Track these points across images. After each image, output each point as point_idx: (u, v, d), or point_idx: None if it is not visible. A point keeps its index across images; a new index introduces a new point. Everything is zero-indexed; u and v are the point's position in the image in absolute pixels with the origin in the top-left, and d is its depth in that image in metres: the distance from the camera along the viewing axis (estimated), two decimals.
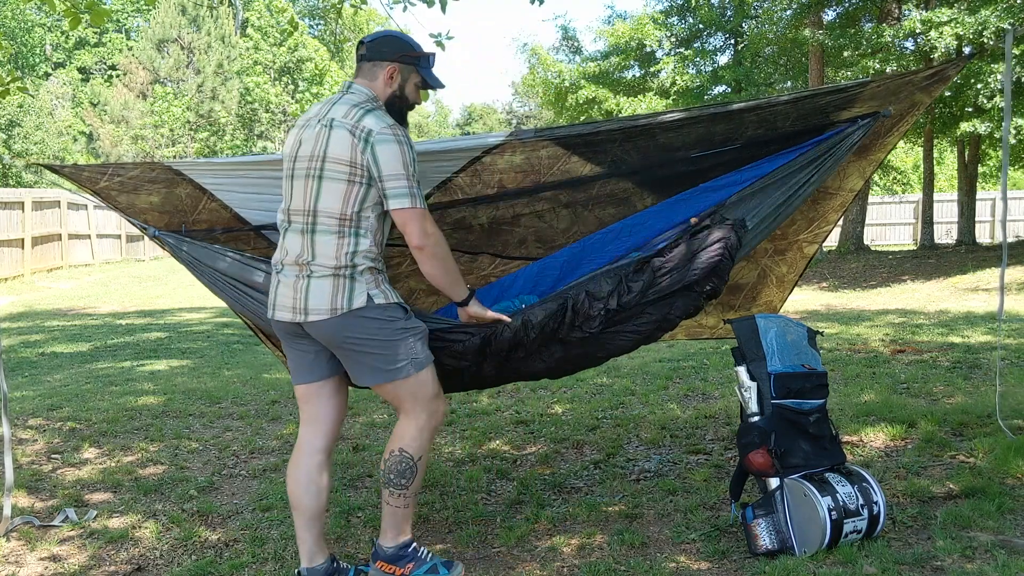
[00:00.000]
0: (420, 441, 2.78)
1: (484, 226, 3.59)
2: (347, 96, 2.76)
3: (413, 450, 2.77)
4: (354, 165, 2.64)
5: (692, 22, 21.43)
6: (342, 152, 2.64)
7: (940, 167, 28.25)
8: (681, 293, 3.07)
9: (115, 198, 3.22)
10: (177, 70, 32.88)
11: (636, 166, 3.43)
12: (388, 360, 2.72)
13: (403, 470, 2.76)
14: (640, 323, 3.08)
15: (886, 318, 9.36)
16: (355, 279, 2.68)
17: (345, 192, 2.65)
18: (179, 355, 8.08)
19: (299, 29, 30.42)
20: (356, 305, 2.67)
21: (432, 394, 2.80)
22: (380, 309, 2.69)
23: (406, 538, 2.83)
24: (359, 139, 2.63)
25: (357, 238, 2.68)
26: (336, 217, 2.67)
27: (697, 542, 3.11)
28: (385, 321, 2.70)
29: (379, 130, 2.63)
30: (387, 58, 2.80)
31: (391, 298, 2.74)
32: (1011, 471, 3.61)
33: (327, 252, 2.67)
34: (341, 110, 2.70)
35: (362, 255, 2.69)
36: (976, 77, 13.01)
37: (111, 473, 4.16)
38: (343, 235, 2.67)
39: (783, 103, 3.14)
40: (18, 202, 16.54)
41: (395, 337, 2.71)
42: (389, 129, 2.65)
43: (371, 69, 2.80)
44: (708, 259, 3.05)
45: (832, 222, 3.99)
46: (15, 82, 5.05)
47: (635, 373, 6.21)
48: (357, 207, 2.67)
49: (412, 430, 2.77)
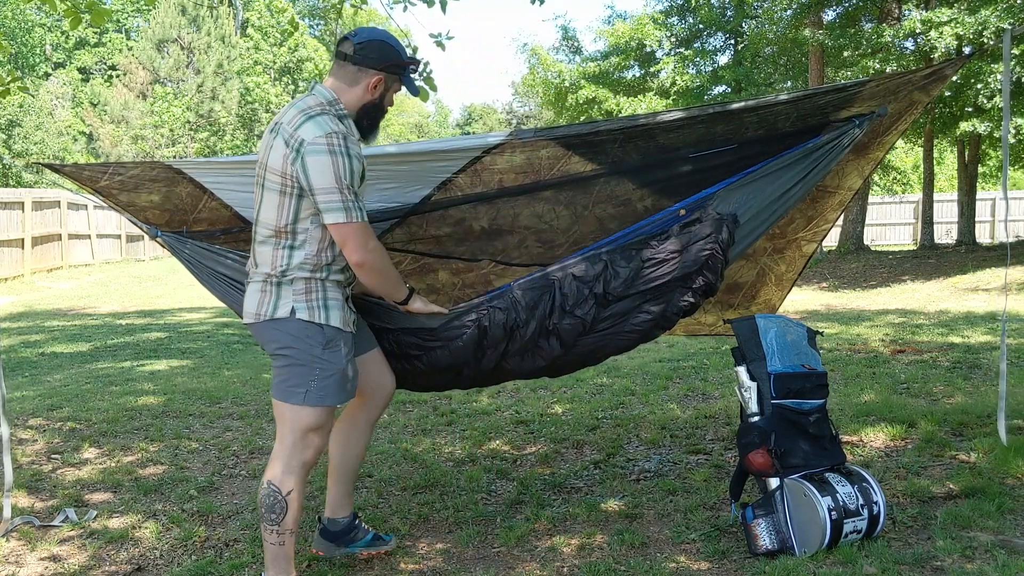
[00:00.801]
0: (290, 476, 2.64)
1: (484, 228, 3.59)
2: (305, 99, 2.64)
3: (281, 484, 2.64)
4: (285, 176, 2.54)
5: (692, 22, 21.45)
6: (276, 162, 2.56)
7: (940, 167, 28.25)
8: (674, 287, 3.05)
9: (116, 197, 3.22)
10: (177, 70, 32.89)
11: (636, 167, 3.43)
12: (286, 379, 2.65)
13: (271, 504, 2.63)
14: (638, 322, 3.07)
15: (886, 318, 9.36)
16: (282, 287, 2.63)
17: (279, 203, 2.58)
18: (179, 355, 8.08)
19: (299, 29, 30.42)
20: (279, 315, 2.62)
21: (310, 429, 2.66)
22: (301, 325, 2.62)
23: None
24: (291, 149, 2.52)
25: (291, 251, 2.61)
26: (272, 228, 2.61)
27: (697, 542, 3.11)
28: (301, 339, 2.62)
29: (311, 140, 2.50)
30: (374, 66, 2.66)
31: (317, 317, 2.62)
32: (1011, 471, 3.62)
33: (264, 260, 2.65)
34: (290, 115, 2.59)
35: (296, 267, 2.61)
36: (976, 77, 13.02)
37: (111, 473, 4.16)
38: (277, 247, 2.62)
39: (782, 103, 3.14)
40: (18, 202, 16.54)
41: (303, 360, 2.63)
42: (324, 138, 2.51)
43: (354, 74, 2.66)
44: (698, 252, 3.04)
45: (831, 221, 3.98)
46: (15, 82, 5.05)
47: (635, 373, 6.21)
48: (291, 218, 2.58)
49: (281, 462, 2.66)
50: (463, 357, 3.01)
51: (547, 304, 2.97)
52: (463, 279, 3.77)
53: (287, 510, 2.64)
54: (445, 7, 6.06)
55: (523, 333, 2.98)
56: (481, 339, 2.97)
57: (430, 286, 3.74)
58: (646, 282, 3.02)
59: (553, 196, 3.52)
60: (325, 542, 3.04)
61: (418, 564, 3.05)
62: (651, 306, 3.05)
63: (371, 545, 3.07)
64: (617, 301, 3.01)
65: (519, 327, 2.98)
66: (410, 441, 4.65)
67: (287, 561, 2.70)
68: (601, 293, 2.99)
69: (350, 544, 3.04)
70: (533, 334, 2.99)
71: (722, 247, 3.08)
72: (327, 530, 3.04)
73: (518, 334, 2.99)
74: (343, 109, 2.66)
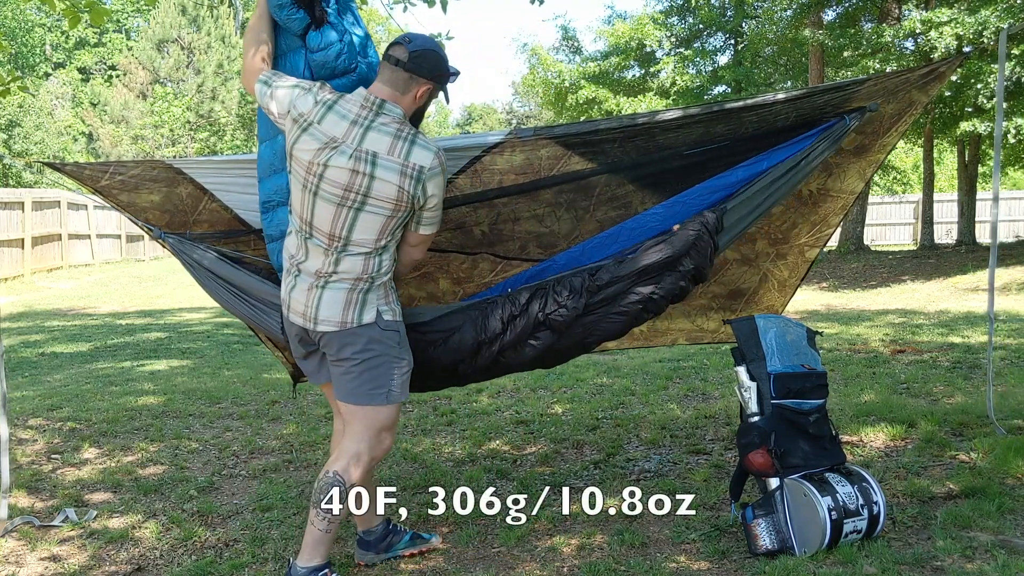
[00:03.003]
0: (357, 470, 2.73)
1: (485, 231, 3.59)
2: (382, 121, 2.63)
3: (347, 476, 2.72)
4: (399, 202, 2.65)
5: (692, 22, 21.44)
6: (389, 192, 2.62)
7: (940, 167, 28.24)
8: (662, 269, 3.04)
9: (116, 196, 3.22)
10: (177, 70, 32.87)
11: (636, 167, 3.43)
12: (366, 382, 2.72)
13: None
14: (626, 303, 3.04)
15: (886, 318, 9.36)
16: (369, 292, 2.71)
17: (383, 225, 2.67)
18: (179, 355, 8.08)
19: None
20: (366, 320, 2.71)
21: (384, 427, 2.79)
22: (385, 326, 2.73)
23: (319, 562, 2.76)
24: (411, 177, 2.62)
25: (381, 259, 2.73)
26: (371, 245, 2.69)
27: (697, 542, 3.11)
28: (383, 341, 2.72)
29: (430, 166, 2.64)
30: (425, 75, 2.66)
31: (397, 315, 2.78)
32: (1011, 471, 3.62)
33: (352, 269, 2.70)
34: (383, 143, 2.60)
35: (382, 273, 2.74)
36: (976, 77, 13.02)
37: (111, 473, 4.16)
38: (371, 256, 2.71)
39: (781, 102, 3.14)
40: (18, 202, 16.54)
41: (384, 362, 2.73)
42: (437, 160, 2.66)
43: (406, 81, 2.65)
44: (685, 235, 3.05)
45: (833, 225, 3.98)
46: (15, 82, 5.05)
47: (635, 373, 6.21)
48: (390, 236, 2.72)
49: (351, 456, 2.74)
50: (460, 353, 3.02)
51: (541, 299, 3.00)
52: (463, 288, 3.77)
53: (344, 501, 2.72)
54: (445, 7, 6.05)
55: (516, 325, 2.99)
56: (479, 333, 2.98)
57: (430, 294, 3.74)
58: (633, 263, 3.02)
59: (554, 198, 3.52)
60: (366, 552, 3.08)
61: (418, 564, 3.05)
62: (640, 287, 3.04)
63: (412, 544, 3.13)
64: (607, 287, 3.03)
65: (514, 318, 2.99)
66: (410, 441, 4.65)
67: (326, 547, 2.78)
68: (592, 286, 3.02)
69: (390, 549, 3.09)
70: (527, 326, 3.00)
71: (708, 229, 3.06)
72: (364, 540, 3.09)
73: (512, 327, 3.00)
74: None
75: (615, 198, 3.58)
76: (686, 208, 3.38)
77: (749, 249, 4.00)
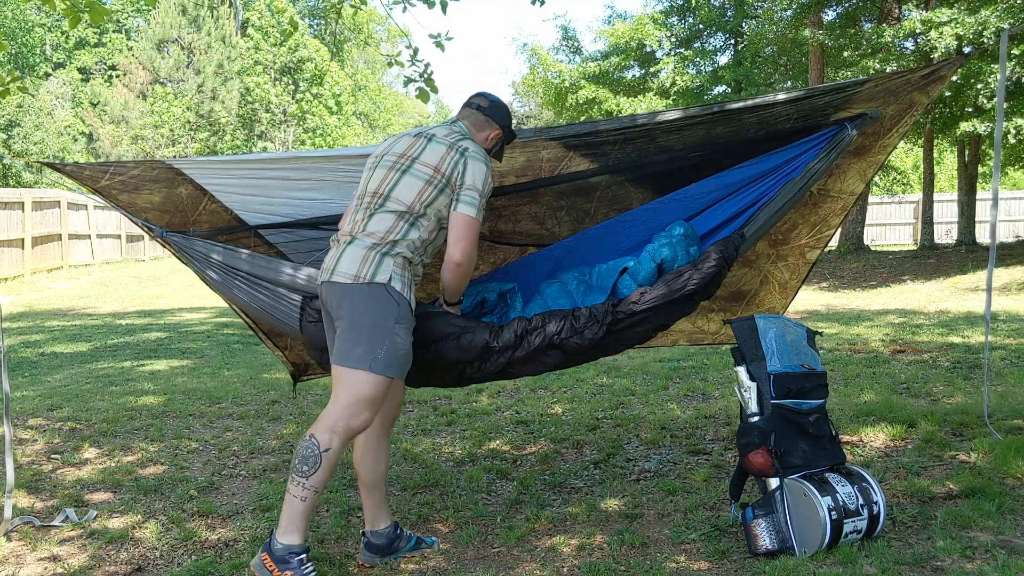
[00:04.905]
0: (333, 436, 2.73)
1: (485, 235, 3.60)
2: (453, 126, 3.03)
3: (321, 439, 2.73)
4: (439, 171, 2.88)
5: (692, 22, 21.45)
6: (432, 159, 2.89)
7: (940, 167, 28.23)
8: (680, 302, 3.10)
9: (116, 197, 3.22)
10: (177, 70, 32.88)
11: (637, 168, 3.44)
12: (357, 343, 2.75)
13: (306, 456, 2.72)
14: (639, 330, 3.14)
15: (886, 318, 9.36)
16: (387, 256, 2.82)
17: (420, 189, 2.87)
18: (179, 355, 8.08)
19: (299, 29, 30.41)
20: (379, 279, 2.78)
21: (366, 398, 2.76)
22: (386, 296, 2.78)
23: (296, 543, 2.74)
24: (455, 151, 2.90)
25: (410, 227, 2.86)
26: (405, 204, 2.86)
27: (697, 542, 3.11)
28: (387, 308, 2.78)
29: (475, 151, 2.93)
30: (499, 123, 3.09)
31: (406, 292, 2.83)
32: (1011, 471, 3.61)
33: (379, 228, 2.85)
34: (443, 131, 2.99)
35: (406, 244, 2.84)
36: (976, 77, 13.01)
37: (111, 473, 4.16)
38: (401, 219, 2.85)
39: (781, 103, 3.14)
40: (18, 202, 16.53)
41: (379, 327, 2.76)
42: (482, 154, 2.95)
43: (483, 123, 3.07)
44: (709, 268, 3.08)
45: (834, 226, 3.98)
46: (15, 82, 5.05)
47: (635, 373, 6.21)
48: (424, 206, 2.86)
49: (329, 420, 2.75)
50: (469, 355, 3.02)
51: (559, 324, 3.02)
52: None
53: (319, 466, 2.71)
54: (445, 8, 6.06)
55: (531, 342, 3.02)
56: (491, 342, 2.99)
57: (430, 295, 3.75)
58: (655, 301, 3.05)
59: (554, 200, 3.52)
60: (370, 554, 3.08)
61: (418, 564, 3.05)
62: (654, 318, 3.10)
63: (415, 549, 3.14)
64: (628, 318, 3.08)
65: (528, 334, 3.01)
66: (410, 441, 4.65)
67: (303, 519, 2.75)
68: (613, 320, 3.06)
69: (394, 553, 3.10)
70: (540, 346, 3.03)
71: (728, 262, 3.13)
72: (371, 543, 3.08)
73: (526, 343, 3.02)
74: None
75: (616, 199, 3.59)
76: (681, 206, 3.39)
77: (750, 251, 4.00)
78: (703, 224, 3.34)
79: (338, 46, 39.19)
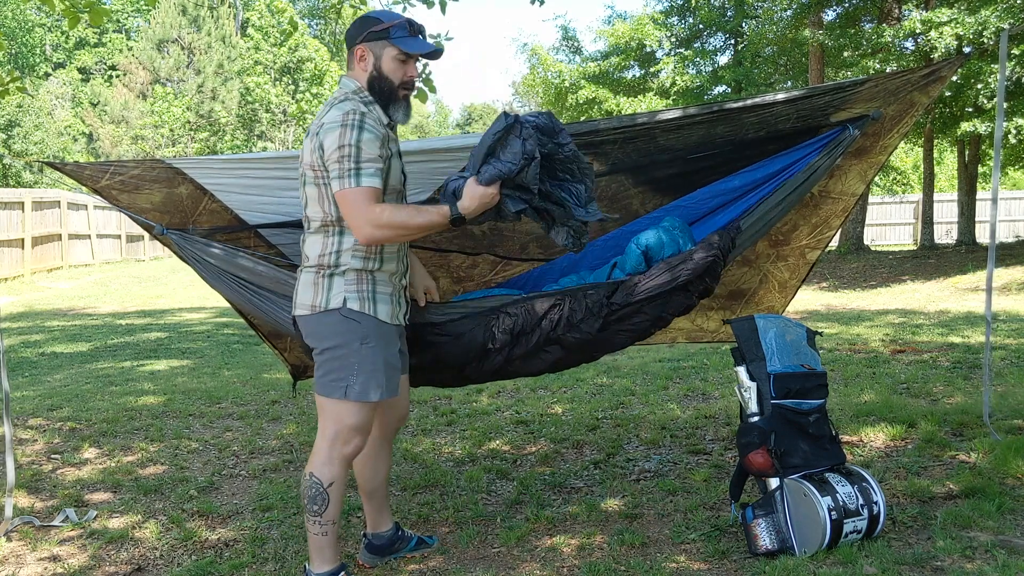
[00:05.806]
0: (331, 468, 2.68)
1: (485, 231, 3.59)
2: (334, 94, 2.69)
3: (322, 476, 2.68)
4: (315, 168, 2.59)
5: (692, 22, 21.44)
6: (307, 156, 2.61)
7: (940, 167, 28.22)
8: (676, 293, 3.08)
9: (116, 197, 3.21)
10: (177, 70, 32.89)
11: (637, 168, 3.43)
12: (328, 372, 2.67)
13: (314, 496, 2.69)
14: (635, 321, 3.11)
15: (886, 318, 9.36)
16: (334, 278, 2.65)
17: (319, 196, 2.62)
18: (179, 355, 8.08)
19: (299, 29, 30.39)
20: (332, 305, 2.64)
21: (351, 426, 2.69)
22: (344, 319, 2.63)
23: (332, 568, 2.76)
24: (312, 138, 2.58)
25: (341, 236, 2.64)
26: (320, 220, 2.65)
27: (697, 542, 3.11)
28: (349, 332, 2.63)
29: (328, 121, 2.54)
30: (355, 42, 2.68)
31: (367, 308, 2.65)
32: (1011, 471, 3.61)
33: (313, 251, 2.68)
34: (321, 110, 2.66)
35: (348, 253, 2.63)
36: (976, 77, 13.01)
37: (111, 473, 4.16)
38: (328, 235, 2.65)
39: (781, 103, 3.14)
40: (18, 202, 16.53)
41: (345, 354, 2.64)
42: (340, 116, 2.53)
43: (350, 58, 2.71)
44: (702, 259, 3.06)
45: (834, 227, 3.98)
46: (15, 82, 5.05)
47: (635, 373, 6.21)
48: (335, 208, 2.60)
49: (322, 454, 2.70)
50: (468, 355, 3.03)
51: (555, 317, 3.01)
52: (463, 287, 3.78)
53: (328, 502, 2.69)
54: (445, 8, 6.06)
55: (528, 339, 3.01)
56: (488, 341, 2.99)
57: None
58: (649, 288, 3.04)
59: None
60: (371, 555, 3.08)
61: (418, 564, 3.05)
62: (649, 308, 3.08)
63: (415, 549, 3.14)
64: (622, 309, 3.05)
65: (525, 333, 3.00)
66: (410, 441, 4.65)
67: (331, 549, 2.76)
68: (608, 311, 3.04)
69: (395, 553, 3.10)
70: (538, 341, 3.02)
71: (723, 252, 3.11)
72: (372, 544, 3.08)
73: (523, 340, 3.01)
74: (368, 96, 2.67)
75: (616, 199, 3.59)
76: (686, 212, 3.40)
77: (749, 250, 4.00)
78: (706, 229, 3.35)
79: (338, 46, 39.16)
